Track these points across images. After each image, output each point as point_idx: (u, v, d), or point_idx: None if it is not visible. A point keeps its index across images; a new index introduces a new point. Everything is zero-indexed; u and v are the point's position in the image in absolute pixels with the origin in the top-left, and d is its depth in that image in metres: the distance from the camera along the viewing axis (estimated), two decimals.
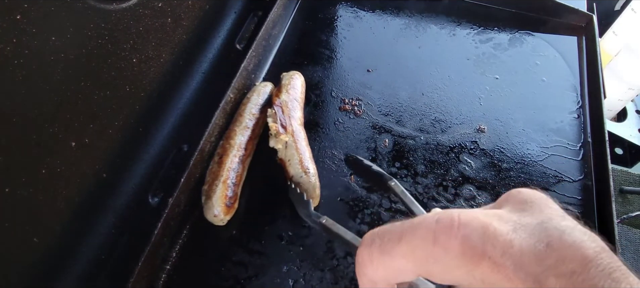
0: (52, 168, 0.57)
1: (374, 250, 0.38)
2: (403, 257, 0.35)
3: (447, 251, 0.32)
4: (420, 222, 0.35)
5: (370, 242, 0.39)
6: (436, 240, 0.33)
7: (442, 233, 0.33)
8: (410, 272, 0.36)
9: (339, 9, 1.15)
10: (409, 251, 0.35)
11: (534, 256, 0.30)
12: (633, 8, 1.51)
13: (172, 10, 0.75)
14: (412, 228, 0.35)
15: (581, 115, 0.94)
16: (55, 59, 0.54)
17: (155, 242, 0.65)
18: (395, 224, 0.38)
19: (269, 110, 0.81)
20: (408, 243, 0.35)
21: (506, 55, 1.04)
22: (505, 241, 0.31)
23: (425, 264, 0.34)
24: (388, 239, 0.37)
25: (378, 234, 0.39)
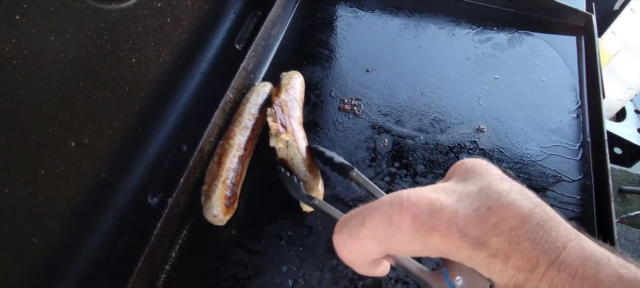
0: (52, 168, 0.57)
1: (344, 236, 0.42)
2: (368, 238, 0.39)
3: (401, 229, 0.36)
4: (377, 205, 0.38)
5: (340, 229, 0.43)
6: (391, 221, 0.36)
7: (395, 214, 0.36)
8: (377, 251, 0.39)
9: (338, 9, 1.15)
10: (371, 233, 0.38)
11: (477, 220, 0.33)
12: (632, 8, 1.51)
13: (172, 10, 0.75)
14: (370, 212, 0.39)
15: (580, 115, 0.94)
16: (54, 59, 0.54)
17: (154, 242, 0.65)
18: (358, 209, 0.41)
19: (269, 109, 0.81)
20: (369, 227, 0.38)
21: (505, 55, 1.05)
22: (451, 212, 0.34)
23: (386, 242, 0.37)
24: (353, 224, 0.40)
25: (346, 220, 0.42)
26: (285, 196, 0.78)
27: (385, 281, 0.69)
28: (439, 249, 0.35)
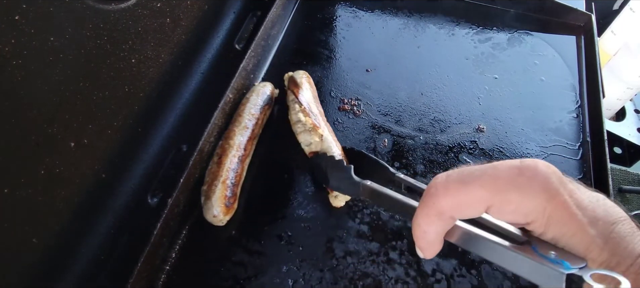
0: (51, 168, 0.56)
1: (450, 181, 0.42)
2: (482, 186, 0.40)
3: (531, 182, 0.38)
4: (502, 162, 0.41)
5: (446, 176, 0.43)
6: (522, 172, 0.39)
7: (527, 169, 0.39)
8: (484, 202, 0.40)
9: (338, 8, 1.15)
10: (490, 181, 0.40)
11: (590, 205, 0.38)
12: (632, 7, 1.51)
13: (171, 10, 0.75)
14: (493, 166, 0.41)
15: (580, 114, 0.94)
16: (54, 60, 0.53)
17: (154, 242, 0.65)
18: (471, 165, 0.43)
19: (296, 106, 0.82)
20: (490, 175, 0.40)
21: (505, 55, 1.05)
22: (571, 188, 0.39)
23: (505, 193, 0.39)
24: (468, 173, 0.41)
25: (455, 171, 0.43)
26: (285, 196, 0.78)
27: (385, 281, 0.69)
28: (553, 215, 0.38)
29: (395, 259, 0.72)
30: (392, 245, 0.73)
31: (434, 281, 0.70)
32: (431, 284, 0.69)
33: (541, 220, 0.39)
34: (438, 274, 0.70)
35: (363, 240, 0.73)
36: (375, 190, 0.60)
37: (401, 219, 0.76)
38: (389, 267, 0.71)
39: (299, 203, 0.78)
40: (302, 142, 0.81)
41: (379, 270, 0.70)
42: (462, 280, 0.70)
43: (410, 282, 0.69)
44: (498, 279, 0.70)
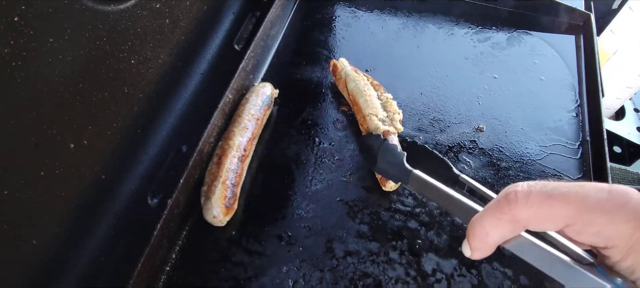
0: (51, 170, 0.56)
1: (535, 190, 0.41)
2: (568, 202, 0.39)
3: (620, 207, 0.38)
4: (590, 183, 0.40)
5: (527, 185, 0.42)
6: (612, 195, 0.39)
7: (618, 194, 0.39)
8: (563, 219, 0.40)
9: (337, 9, 1.15)
10: (577, 199, 0.39)
11: None
12: (631, 7, 1.51)
13: (170, 11, 0.75)
14: (581, 185, 0.40)
15: (580, 113, 0.94)
16: (53, 61, 0.53)
17: (154, 243, 0.65)
18: (554, 182, 0.42)
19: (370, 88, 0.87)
20: (577, 194, 0.40)
21: (504, 55, 1.05)
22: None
23: (589, 213, 0.39)
24: (552, 187, 0.41)
25: (537, 182, 0.42)
26: (285, 196, 0.78)
27: (385, 281, 0.69)
28: (626, 233, 0.38)
29: (395, 259, 0.72)
30: (392, 245, 0.73)
31: (434, 281, 0.70)
32: (431, 284, 0.69)
33: (623, 246, 0.38)
34: (438, 274, 0.70)
35: (363, 240, 0.73)
36: (425, 180, 0.60)
37: (401, 219, 0.76)
38: (389, 266, 0.71)
39: (298, 204, 0.78)
40: (373, 116, 0.83)
41: (379, 270, 0.70)
42: (462, 280, 0.70)
43: (410, 282, 0.69)
44: (498, 279, 0.70)
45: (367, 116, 0.84)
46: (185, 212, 0.74)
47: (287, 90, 0.95)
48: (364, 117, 0.85)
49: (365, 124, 0.85)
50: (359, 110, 0.87)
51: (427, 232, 0.75)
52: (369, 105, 0.85)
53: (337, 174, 0.82)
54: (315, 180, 0.81)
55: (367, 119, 0.84)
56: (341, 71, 0.93)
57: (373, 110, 0.84)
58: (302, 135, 0.88)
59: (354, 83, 0.89)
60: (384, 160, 0.73)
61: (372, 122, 0.83)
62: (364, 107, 0.86)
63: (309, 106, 0.93)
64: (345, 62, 0.94)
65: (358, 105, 0.87)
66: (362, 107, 0.86)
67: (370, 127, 0.83)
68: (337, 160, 0.84)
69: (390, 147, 0.73)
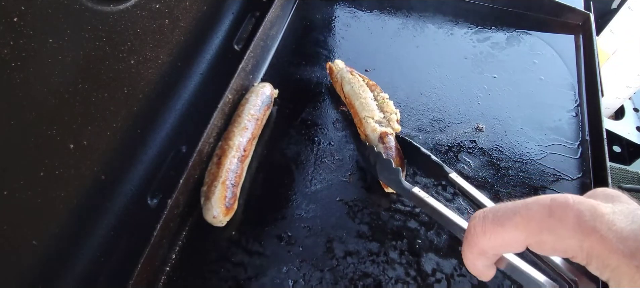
0: (51, 170, 0.56)
1: (487, 222, 0.43)
2: (516, 228, 0.41)
3: (562, 223, 0.38)
4: (534, 201, 0.41)
5: (482, 216, 0.44)
6: (552, 213, 0.39)
7: (558, 208, 0.39)
8: (521, 243, 0.41)
9: (337, 9, 1.15)
10: (523, 223, 0.40)
11: (632, 234, 0.37)
12: (630, 6, 1.51)
13: (170, 11, 0.75)
14: (525, 205, 0.41)
15: (579, 113, 0.94)
16: (52, 61, 0.53)
17: (154, 243, 0.65)
18: (506, 203, 0.44)
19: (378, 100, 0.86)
20: (523, 216, 0.41)
21: (504, 54, 1.05)
22: (609, 220, 0.38)
23: (538, 234, 0.40)
24: (502, 213, 0.42)
25: (490, 210, 0.44)
26: (285, 196, 0.78)
27: (385, 281, 0.69)
28: (592, 251, 0.38)
29: (395, 259, 0.72)
30: (392, 245, 0.73)
31: (434, 281, 0.70)
32: (431, 284, 0.69)
33: (580, 255, 0.39)
34: (438, 274, 0.70)
35: (363, 240, 0.73)
36: (423, 200, 0.64)
37: (401, 219, 0.76)
38: (389, 266, 0.71)
39: (298, 204, 0.78)
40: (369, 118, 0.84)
41: (379, 270, 0.70)
42: (462, 280, 0.70)
43: (410, 282, 0.69)
44: (498, 279, 0.70)
45: (363, 119, 0.84)
46: (185, 213, 0.74)
47: (287, 90, 0.95)
48: (360, 120, 0.85)
49: (362, 126, 0.85)
50: (356, 113, 0.87)
51: (427, 231, 0.75)
52: (365, 108, 0.85)
53: (337, 174, 0.82)
54: (315, 180, 0.81)
55: (364, 122, 0.84)
56: (337, 73, 0.93)
57: (369, 112, 0.84)
58: (301, 135, 0.88)
59: (349, 86, 0.89)
60: (382, 175, 0.75)
61: (369, 125, 0.83)
62: (359, 110, 0.86)
63: (309, 106, 0.93)
64: (340, 64, 0.94)
65: (354, 108, 0.87)
66: (358, 110, 0.86)
67: (367, 130, 0.83)
68: (337, 160, 0.84)
69: (385, 163, 0.74)
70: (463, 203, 0.78)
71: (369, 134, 0.82)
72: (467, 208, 0.78)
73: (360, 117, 0.85)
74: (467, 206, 0.78)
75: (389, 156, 0.76)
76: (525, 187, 0.81)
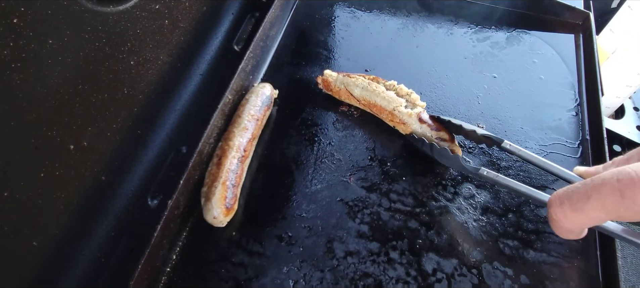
0: (51, 171, 0.56)
1: (565, 209, 0.49)
2: (594, 210, 0.46)
3: (635, 201, 0.43)
4: (602, 182, 0.45)
5: (559, 203, 0.50)
6: (624, 195, 0.43)
7: (627, 189, 0.43)
8: (602, 219, 0.47)
9: (336, 9, 1.15)
10: (599, 205, 0.45)
11: None
12: (630, 5, 1.51)
13: (169, 12, 0.75)
14: (596, 189, 0.45)
15: (579, 112, 0.94)
16: (52, 62, 0.53)
17: (154, 244, 0.65)
18: (577, 186, 0.48)
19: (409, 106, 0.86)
20: (597, 200, 0.45)
21: (504, 54, 1.05)
22: None
23: (615, 212, 0.45)
24: (576, 199, 0.47)
25: (565, 196, 0.49)
26: (285, 197, 0.78)
27: (386, 281, 0.69)
28: None
29: (395, 259, 0.71)
30: (392, 245, 0.73)
31: (434, 280, 0.70)
32: (432, 283, 0.69)
33: None
34: (438, 274, 0.70)
35: (363, 240, 0.73)
36: (493, 179, 0.73)
37: (401, 219, 0.76)
38: (390, 266, 0.71)
39: (299, 204, 0.78)
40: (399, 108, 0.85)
41: (379, 270, 0.70)
42: (462, 280, 0.70)
43: (410, 282, 0.69)
44: (499, 278, 0.70)
45: (394, 111, 0.85)
46: (186, 213, 0.74)
47: (287, 91, 0.95)
48: (391, 113, 0.86)
49: (394, 118, 0.86)
50: (382, 110, 0.87)
51: (427, 231, 0.75)
52: (389, 101, 0.86)
53: (337, 174, 0.82)
54: (315, 181, 0.81)
55: (396, 113, 0.85)
56: (335, 82, 0.92)
57: (395, 102, 0.85)
58: (301, 135, 0.88)
59: (359, 88, 0.88)
60: (443, 161, 0.80)
61: (403, 114, 0.84)
62: (384, 105, 0.86)
63: (309, 106, 0.93)
64: (332, 73, 0.92)
65: (378, 106, 0.87)
66: (384, 106, 0.86)
67: (403, 119, 0.84)
68: (337, 160, 0.84)
69: (443, 152, 0.79)
70: (463, 203, 0.78)
71: (407, 121, 0.84)
72: (468, 208, 0.78)
73: (389, 111, 0.86)
74: (467, 206, 0.78)
75: (439, 135, 0.82)
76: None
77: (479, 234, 0.74)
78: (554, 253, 0.72)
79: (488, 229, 0.75)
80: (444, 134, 0.82)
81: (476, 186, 0.81)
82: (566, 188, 0.51)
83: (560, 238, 0.74)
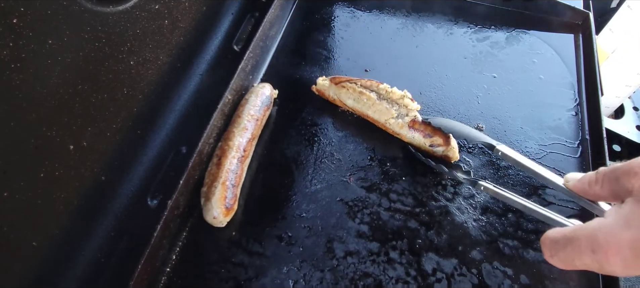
0: (51, 171, 0.56)
1: (556, 262, 0.52)
2: (582, 267, 0.49)
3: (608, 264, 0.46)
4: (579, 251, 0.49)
5: (549, 255, 0.53)
6: (600, 263, 0.47)
7: (603, 260, 0.46)
8: None
9: (336, 9, 1.15)
10: (583, 265, 0.49)
11: None
12: (629, 5, 1.51)
13: (169, 12, 0.75)
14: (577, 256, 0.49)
15: (579, 112, 0.94)
16: (52, 63, 0.53)
17: (154, 244, 0.65)
18: (564, 240, 0.51)
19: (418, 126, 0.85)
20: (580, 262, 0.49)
21: (503, 54, 1.05)
22: None
23: (598, 271, 0.49)
24: (563, 257, 0.51)
25: (554, 249, 0.53)
26: (285, 197, 0.78)
27: (385, 281, 0.69)
28: None
29: (395, 259, 0.72)
30: (392, 245, 0.73)
31: (434, 280, 0.70)
32: (432, 283, 0.69)
33: None
34: (438, 273, 0.70)
35: (363, 240, 0.73)
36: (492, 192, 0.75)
37: (401, 219, 0.76)
38: (390, 266, 0.71)
39: (298, 204, 0.78)
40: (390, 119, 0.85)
41: (379, 270, 0.70)
42: (462, 279, 0.70)
43: (410, 282, 0.69)
44: (498, 278, 0.70)
45: (386, 123, 0.85)
46: (185, 213, 0.74)
47: (287, 91, 0.95)
48: (383, 125, 0.86)
49: (388, 129, 0.86)
50: (376, 121, 0.87)
51: (427, 231, 0.75)
52: (380, 113, 0.85)
53: (336, 174, 0.82)
54: (315, 181, 0.81)
55: (388, 125, 0.85)
56: (328, 92, 0.91)
57: (386, 114, 0.84)
58: (301, 135, 0.88)
59: (351, 100, 0.88)
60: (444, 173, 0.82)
61: (395, 125, 0.84)
62: (377, 117, 0.86)
63: (309, 106, 0.93)
64: (325, 82, 0.91)
65: (371, 118, 0.88)
66: (376, 118, 0.86)
67: (395, 130, 0.85)
68: (336, 160, 0.84)
69: (439, 169, 0.80)
70: (463, 203, 0.78)
71: (400, 132, 0.84)
72: (467, 208, 0.78)
73: (382, 124, 0.86)
74: (467, 206, 0.78)
75: (432, 141, 0.82)
76: (525, 186, 0.81)
77: (479, 234, 0.74)
78: None
79: (488, 229, 0.75)
80: (438, 138, 0.82)
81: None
82: (553, 239, 0.53)
83: None
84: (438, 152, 0.82)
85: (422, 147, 0.84)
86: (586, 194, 0.61)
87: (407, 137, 0.84)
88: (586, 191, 0.61)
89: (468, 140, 0.82)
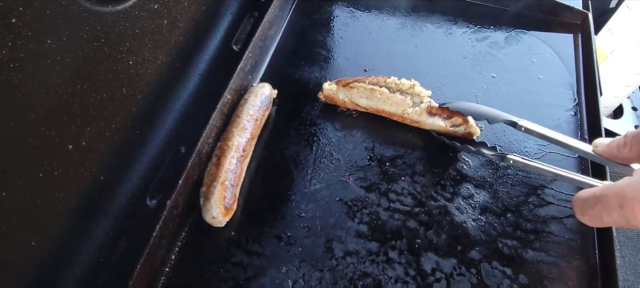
0: (49, 171, 0.56)
1: (586, 220, 0.57)
2: (610, 223, 0.54)
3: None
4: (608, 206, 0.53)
5: (580, 213, 0.58)
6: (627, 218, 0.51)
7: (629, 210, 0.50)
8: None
9: (335, 9, 1.15)
10: (612, 221, 0.53)
11: None
12: (628, 5, 1.52)
13: (168, 11, 0.75)
14: (606, 212, 0.53)
15: (578, 112, 0.94)
16: (51, 62, 0.53)
17: (153, 244, 0.65)
18: (593, 199, 0.55)
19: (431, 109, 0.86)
20: (609, 218, 0.53)
21: (502, 54, 1.05)
22: None
23: (627, 226, 0.52)
24: (593, 214, 0.55)
25: (585, 207, 0.57)
26: (284, 197, 0.78)
27: (385, 280, 0.69)
28: None
29: (394, 258, 0.72)
30: (391, 245, 0.73)
31: (433, 280, 0.70)
32: (431, 283, 0.69)
33: None
34: (438, 273, 0.70)
35: (362, 240, 0.74)
36: (525, 163, 0.78)
37: (400, 219, 0.76)
38: (389, 266, 0.71)
39: (298, 204, 0.78)
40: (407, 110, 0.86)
41: (378, 270, 0.70)
42: (461, 279, 0.70)
43: (409, 282, 0.69)
44: (497, 278, 0.70)
45: (403, 114, 0.86)
46: (185, 213, 0.74)
47: (286, 91, 0.95)
48: (401, 116, 0.87)
49: (405, 120, 0.87)
50: (392, 114, 0.88)
51: (426, 231, 0.75)
52: (397, 105, 0.86)
53: (336, 174, 0.82)
54: (314, 180, 0.81)
55: (405, 116, 0.86)
56: (337, 95, 0.90)
57: (403, 105, 0.86)
58: (301, 135, 0.88)
59: (364, 98, 0.88)
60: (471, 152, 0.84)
61: (413, 114, 0.85)
62: (394, 110, 0.87)
63: (308, 106, 0.93)
64: (332, 87, 0.90)
65: (387, 112, 0.88)
66: (393, 111, 0.87)
67: (414, 118, 0.86)
68: (336, 160, 0.84)
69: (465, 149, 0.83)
70: (462, 203, 0.78)
71: (419, 119, 0.85)
72: (467, 207, 0.78)
73: (400, 115, 0.87)
74: (466, 205, 0.78)
75: (452, 122, 0.84)
76: (524, 186, 0.81)
77: (478, 234, 0.75)
78: (553, 253, 0.72)
79: (487, 229, 0.75)
80: (457, 118, 0.84)
81: (475, 186, 0.81)
82: (583, 198, 0.57)
83: (559, 238, 0.74)
84: (459, 131, 0.84)
85: (443, 130, 0.85)
86: (616, 158, 0.65)
87: (427, 124, 0.85)
88: (615, 155, 0.65)
89: (489, 119, 0.82)
